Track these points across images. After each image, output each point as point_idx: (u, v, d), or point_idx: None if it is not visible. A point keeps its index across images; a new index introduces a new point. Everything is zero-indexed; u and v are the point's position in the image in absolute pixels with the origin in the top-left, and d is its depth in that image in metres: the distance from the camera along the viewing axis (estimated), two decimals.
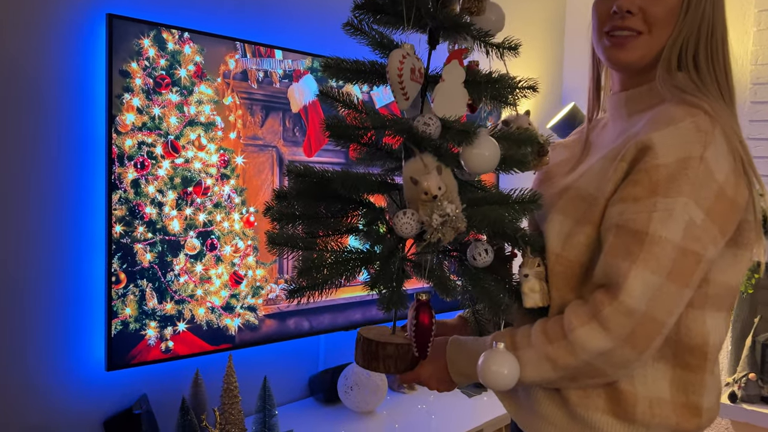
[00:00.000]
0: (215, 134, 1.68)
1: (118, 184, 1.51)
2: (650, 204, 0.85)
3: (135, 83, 1.53)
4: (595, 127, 1.15)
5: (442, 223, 0.85)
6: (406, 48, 0.91)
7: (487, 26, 0.98)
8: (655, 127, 0.89)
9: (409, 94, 0.91)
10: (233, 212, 1.73)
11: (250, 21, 1.81)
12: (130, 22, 1.51)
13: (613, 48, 1.00)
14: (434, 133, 0.89)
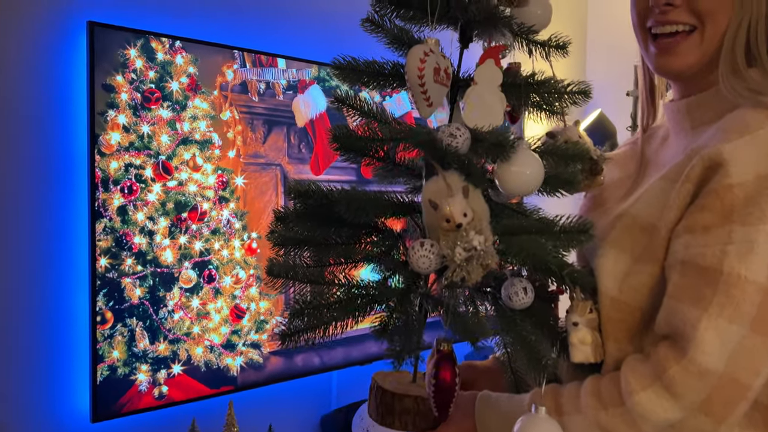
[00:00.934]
0: (212, 153, 1.52)
1: (102, 211, 1.34)
2: (724, 234, 0.69)
3: (120, 98, 1.37)
4: (652, 139, 0.96)
5: (467, 258, 0.67)
6: (429, 43, 0.74)
7: (530, 20, 0.82)
8: (726, 137, 0.72)
9: (433, 99, 0.74)
10: (233, 239, 1.56)
11: (250, 27, 1.64)
12: (114, 31, 1.35)
13: (661, 55, 0.83)
14: (462, 147, 0.72)
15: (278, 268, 0.82)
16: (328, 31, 1.78)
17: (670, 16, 0.80)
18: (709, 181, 0.72)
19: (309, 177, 1.71)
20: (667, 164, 0.84)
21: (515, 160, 0.73)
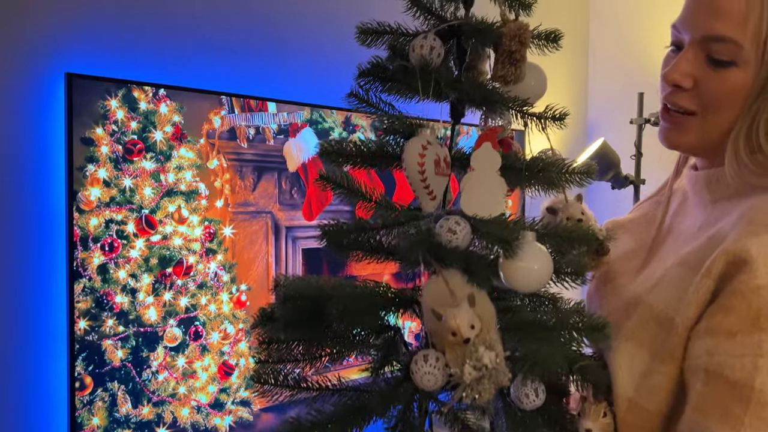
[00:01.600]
0: (198, 204, 1.45)
1: (81, 271, 1.28)
2: (753, 344, 0.63)
3: (101, 152, 1.30)
4: (673, 200, 0.90)
5: (478, 378, 0.61)
6: (426, 136, 0.69)
7: (525, 93, 0.76)
8: (752, 231, 0.66)
9: (436, 192, 0.70)
10: (221, 292, 1.49)
11: (238, 72, 1.58)
12: (93, 81, 1.29)
13: (666, 128, 0.81)
14: (462, 243, 0.66)
15: (265, 374, 0.77)
16: (321, 72, 1.72)
17: (676, 98, 0.78)
18: (733, 278, 0.66)
19: (301, 223, 1.64)
20: (686, 241, 0.79)
21: (521, 254, 0.67)
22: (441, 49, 0.70)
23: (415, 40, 0.70)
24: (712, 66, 0.74)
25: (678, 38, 0.79)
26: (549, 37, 0.78)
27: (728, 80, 0.73)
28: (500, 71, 0.70)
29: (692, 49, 0.76)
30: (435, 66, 0.69)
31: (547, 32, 0.78)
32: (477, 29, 0.71)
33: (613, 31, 2.93)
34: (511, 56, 0.70)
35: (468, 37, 0.73)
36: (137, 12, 1.41)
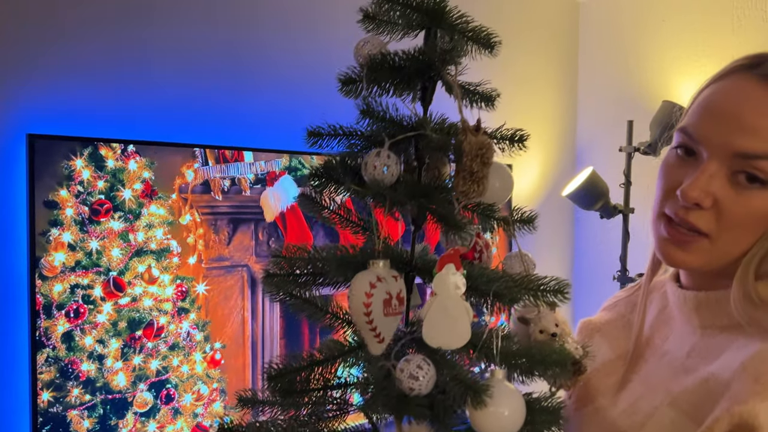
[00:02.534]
0: (170, 262, 1.40)
1: (44, 341, 1.22)
2: None
3: (65, 214, 1.25)
4: (650, 304, 0.84)
5: None
6: (377, 269, 0.62)
7: (490, 197, 0.69)
8: (759, 391, 0.59)
9: (385, 334, 0.63)
10: (194, 352, 1.44)
11: (211, 122, 1.52)
12: (57, 141, 1.23)
13: (670, 244, 0.70)
14: (425, 390, 0.60)
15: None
16: (298, 117, 1.67)
17: (690, 216, 0.67)
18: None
19: None
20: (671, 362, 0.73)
21: (492, 399, 0.61)
22: (396, 166, 0.64)
23: (368, 157, 0.64)
24: (739, 185, 0.66)
25: (689, 145, 0.70)
26: (514, 139, 0.72)
27: (755, 202, 0.65)
28: (462, 187, 0.63)
29: (715, 164, 0.66)
30: (388, 184, 0.64)
31: (512, 134, 0.72)
32: (435, 147, 0.66)
33: (603, 59, 2.89)
34: (472, 175, 0.63)
35: (427, 150, 0.68)
36: (102, 67, 1.35)
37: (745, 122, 0.64)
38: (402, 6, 0.66)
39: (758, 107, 0.64)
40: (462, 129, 0.66)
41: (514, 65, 2.53)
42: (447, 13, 0.66)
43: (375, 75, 0.67)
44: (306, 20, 1.71)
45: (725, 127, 0.65)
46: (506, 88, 2.48)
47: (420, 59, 0.66)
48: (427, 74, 0.68)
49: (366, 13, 0.68)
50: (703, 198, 0.65)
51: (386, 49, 0.69)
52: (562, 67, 2.82)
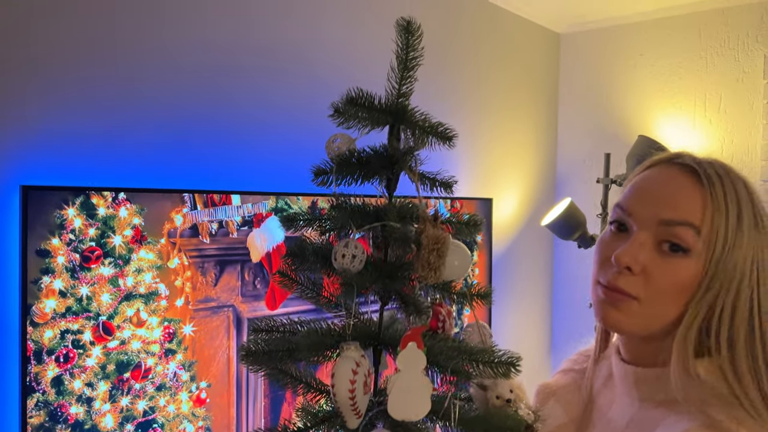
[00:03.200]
0: (158, 305, 1.44)
1: (35, 386, 1.26)
2: None
3: (57, 262, 1.28)
4: (598, 371, 0.91)
5: None
6: (351, 354, 0.69)
7: (450, 276, 0.76)
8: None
9: (362, 410, 0.71)
10: (180, 392, 1.48)
11: (199, 167, 1.57)
12: (50, 192, 1.27)
13: (605, 304, 0.77)
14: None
15: None
16: (284, 159, 1.72)
17: (621, 281, 0.75)
18: None
19: (264, 313, 1.63)
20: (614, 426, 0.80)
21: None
22: (362, 254, 0.71)
23: (337, 247, 0.71)
24: (664, 254, 0.73)
25: (623, 220, 0.79)
26: (469, 224, 0.79)
27: (680, 270, 0.73)
28: (421, 272, 0.71)
29: (644, 235, 0.75)
30: (356, 272, 0.71)
31: (467, 221, 0.79)
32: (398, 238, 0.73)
33: (582, 92, 2.98)
34: (429, 264, 0.70)
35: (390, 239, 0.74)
36: (93, 117, 1.39)
37: (668, 198, 0.74)
38: (368, 109, 0.73)
39: (678, 187, 0.75)
40: (422, 219, 0.73)
41: (497, 97, 2.60)
42: (408, 113, 0.74)
43: (344, 170, 0.75)
44: (286, 67, 1.77)
45: (652, 203, 0.75)
46: (489, 118, 2.60)
47: (384, 155, 0.74)
48: (391, 167, 0.75)
49: (336, 108, 0.75)
50: (634, 263, 0.73)
51: (354, 146, 0.76)
52: (542, 99, 2.90)
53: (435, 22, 2.26)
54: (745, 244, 0.72)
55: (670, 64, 2.74)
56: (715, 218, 0.72)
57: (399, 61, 0.74)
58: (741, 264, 0.72)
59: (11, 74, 1.26)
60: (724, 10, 2.60)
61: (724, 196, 0.73)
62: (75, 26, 1.35)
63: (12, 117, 1.27)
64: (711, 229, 0.72)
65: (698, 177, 0.74)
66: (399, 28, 0.74)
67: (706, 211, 0.72)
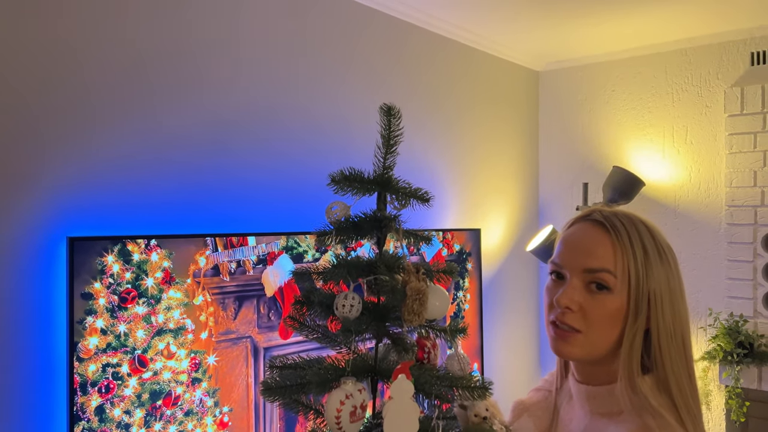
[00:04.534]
0: (185, 338, 1.61)
1: (80, 414, 1.42)
2: None
3: (98, 303, 1.45)
4: (563, 394, 1.07)
5: None
6: (347, 388, 0.84)
7: (432, 314, 0.92)
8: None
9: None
10: (206, 416, 1.64)
11: (220, 214, 1.75)
12: (92, 242, 1.44)
13: (557, 339, 0.94)
14: None
15: None
16: (293, 202, 1.90)
17: (566, 318, 0.90)
18: None
19: (278, 343, 1.80)
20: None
21: None
22: (359, 304, 0.87)
23: (338, 299, 0.86)
24: (594, 292, 0.89)
25: (559, 270, 0.96)
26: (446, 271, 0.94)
27: (608, 304, 0.88)
28: (406, 317, 0.87)
29: (576, 281, 0.90)
30: (354, 318, 0.86)
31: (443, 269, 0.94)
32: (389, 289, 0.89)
33: (560, 126, 3.20)
34: (413, 310, 0.86)
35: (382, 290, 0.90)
36: (126, 175, 1.57)
37: (587, 250, 0.91)
38: (359, 181, 0.89)
39: (594, 240, 0.91)
40: (406, 272, 0.89)
41: (482, 132, 2.81)
42: (392, 182, 0.91)
43: (342, 233, 0.91)
44: (284, 119, 1.96)
45: (577, 255, 0.92)
46: (475, 151, 2.85)
47: (374, 219, 0.90)
48: (380, 228, 0.91)
49: (333, 179, 0.90)
50: (571, 303, 0.89)
51: (349, 213, 0.92)
52: (524, 133, 3.12)
53: (427, 68, 2.47)
54: (654, 274, 0.89)
55: (640, 100, 2.97)
56: (626, 259, 0.89)
57: (383, 139, 0.89)
58: (656, 291, 0.89)
59: (57, 143, 1.44)
60: (686, 50, 2.84)
61: (629, 239, 0.90)
62: (112, 99, 1.53)
63: (58, 178, 1.44)
64: (623, 268, 0.89)
65: (607, 229, 0.91)
66: (381, 111, 0.89)
67: (617, 255, 0.89)
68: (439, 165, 2.55)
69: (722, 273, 2.72)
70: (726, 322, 2.62)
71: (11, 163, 1.38)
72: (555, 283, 0.95)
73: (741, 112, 2.64)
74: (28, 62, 1.40)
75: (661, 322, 0.89)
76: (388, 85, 2.30)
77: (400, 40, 2.37)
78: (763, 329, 2.59)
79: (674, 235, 2.82)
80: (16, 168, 1.38)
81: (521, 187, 3.08)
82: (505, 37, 2.76)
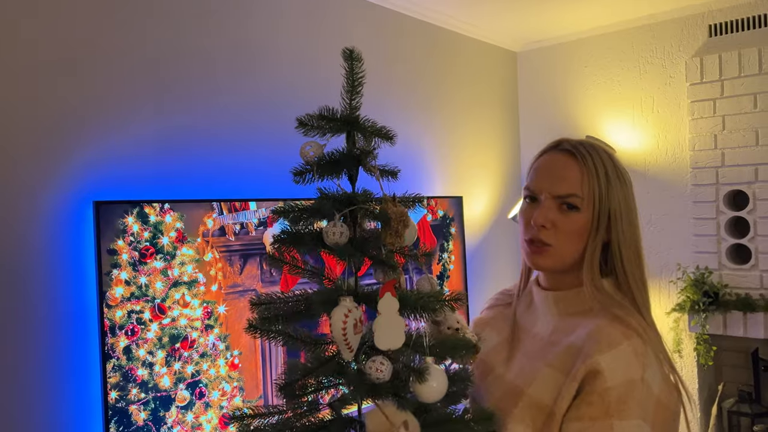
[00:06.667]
0: (198, 290, 1.83)
1: (111, 353, 1.65)
2: (607, 426, 0.90)
3: (122, 258, 1.68)
4: (521, 301, 1.20)
5: None
6: (347, 304, 0.90)
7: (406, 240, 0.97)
8: (599, 349, 0.94)
9: (353, 346, 0.91)
10: (218, 359, 1.87)
11: (225, 181, 1.98)
12: (115, 205, 1.67)
13: (532, 254, 1.07)
14: (388, 377, 0.88)
15: None
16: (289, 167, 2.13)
17: (540, 235, 1.03)
18: (592, 383, 0.92)
19: None
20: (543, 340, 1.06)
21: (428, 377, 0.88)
22: (347, 231, 0.91)
23: (327, 227, 0.91)
24: (564, 212, 1.03)
25: (533, 195, 1.08)
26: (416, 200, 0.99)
27: (575, 220, 1.02)
28: (389, 240, 0.92)
29: (548, 202, 1.04)
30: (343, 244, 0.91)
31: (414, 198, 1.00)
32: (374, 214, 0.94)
33: (538, 101, 3.42)
34: (396, 232, 0.91)
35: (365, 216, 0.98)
36: (143, 146, 1.80)
37: (558, 175, 1.04)
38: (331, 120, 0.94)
39: (563, 166, 1.05)
40: (384, 200, 0.93)
41: (465, 109, 3.03)
42: (359, 121, 0.95)
43: (320, 170, 0.96)
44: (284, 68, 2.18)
45: (549, 179, 1.05)
46: (459, 129, 3.13)
47: (350, 155, 0.95)
48: (356, 164, 0.96)
49: (301, 121, 0.94)
50: (546, 221, 1.03)
51: (323, 151, 0.95)
52: (506, 108, 3.33)
53: (408, 51, 2.69)
54: (615, 194, 1.02)
55: (610, 74, 3.19)
56: (591, 182, 1.02)
57: (347, 82, 0.93)
58: (615, 209, 1.02)
59: (85, 126, 1.67)
60: (651, 26, 3.05)
61: (594, 164, 1.03)
62: (133, 90, 1.76)
63: (87, 153, 1.67)
64: (589, 190, 1.02)
65: (575, 155, 1.04)
66: (344, 55, 0.92)
67: (583, 179, 1.02)
68: (423, 139, 2.77)
69: (689, 230, 2.94)
70: (693, 274, 2.84)
71: (50, 142, 1.60)
72: (529, 206, 1.08)
73: (701, 80, 2.85)
74: (68, 58, 1.63)
75: (621, 234, 1.03)
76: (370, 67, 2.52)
77: (381, 25, 2.59)
78: (727, 280, 2.81)
79: (645, 197, 3.04)
80: (53, 145, 1.61)
81: (503, 159, 3.29)
82: (483, 20, 2.98)
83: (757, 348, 2.85)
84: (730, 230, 2.81)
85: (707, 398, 2.97)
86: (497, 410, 1.00)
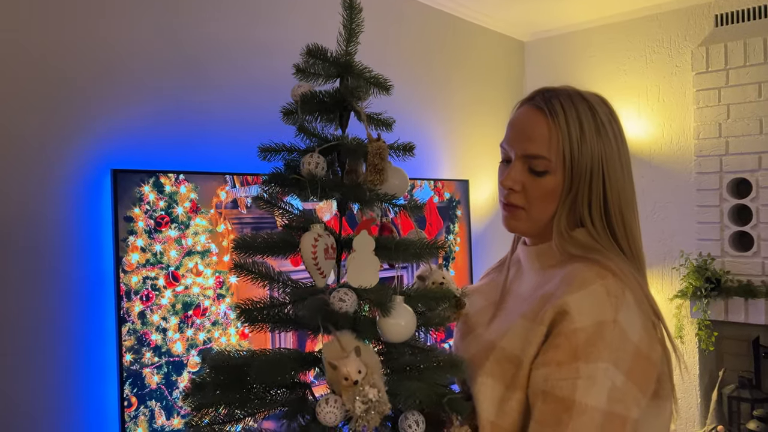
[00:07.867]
0: (211, 260, 1.88)
1: (126, 317, 1.70)
2: (573, 370, 0.83)
3: (138, 226, 1.73)
4: (512, 268, 1.14)
5: (365, 410, 0.79)
6: (316, 229, 0.88)
7: (392, 190, 0.94)
8: (569, 290, 0.88)
9: (326, 271, 0.89)
10: (229, 327, 1.92)
11: (238, 155, 2.03)
12: (132, 174, 1.72)
13: (506, 217, 1.03)
14: (350, 309, 0.86)
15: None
16: None
17: (511, 198, 0.99)
18: (559, 325, 0.86)
19: (290, 269, 2.07)
20: (524, 299, 0.99)
21: (393, 314, 0.85)
22: (324, 163, 0.89)
23: (304, 157, 0.88)
24: (533, 175, 0.96)
25: (507, 154, 1.02)
26: (405, 148, 0.94)
27: (545, 184, 0.96)
28: (368, 177, 0.88)
29: (518, 163, 0.98)
30: (320, 176, 0.88)
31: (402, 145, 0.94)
32: (350, 149, 0.91)
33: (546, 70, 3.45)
34: (375, 167, 0.87)
35: (345, 153, 0.92)
36: (161, 119, 1.85)
37: (527, 134, 0.97)
38: (322, 60, 0.91)
39: (532, 124, 0.97)
40: (368, 140, 0.88)
41: (475, 97, 3.07)
42: (353, 66, 0.92)
43: (307, 107, 0.92)
44: None
45: (518, 138, 0.98)
46: (468, 116, 3.18)
47: (337, 95, 0.92)
48: (343, 106, 0.92)
49: (298, 67, 0.93)
50: (514, 185, 0.97)
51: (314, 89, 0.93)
52: (512, 96, 3.37)
53: (422, 38, 2.74)
54: (589, 151, 0.94)
55: (616, 63, 3.22)
56: (561, 141, 0.94)
57: (345, 29, 0.91)
58: (589, 166, 0.94)
59: (104, 99, 1.72)
60: (657, 16, 3.09)
61: (566, 119, 0.94)
62: (150, 68, 1.81)
63: (105, 124, 1.72)
64: (558, 150, 0.94)
65: (545, 113, 0.95)
66: (343, 4, 0.91)
67: (552, 139, 0.94)
68: (432, 123, 2.81)
69: (693, 218, 2.97)
70: (696, 261, 2.88)
71: (71, 113, 1.66)
72: (503, 167, 1.03)
73: (707, 69, 2.88)
74: (89, 28, 1.68)
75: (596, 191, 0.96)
76: (382, 53, 2.57)
77: (390, 11, 2.63)
78: (729, 267, 2.84)
79: (650, 185, 3.07)
80: (74, 116, 1.66)
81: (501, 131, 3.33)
82: (492, 10, 3.02)
83: (758, 336, 2.88)
84: (733, 218, 2.85)
85: (708, 384, 3.01)
86: (470, 365, 0.95)
